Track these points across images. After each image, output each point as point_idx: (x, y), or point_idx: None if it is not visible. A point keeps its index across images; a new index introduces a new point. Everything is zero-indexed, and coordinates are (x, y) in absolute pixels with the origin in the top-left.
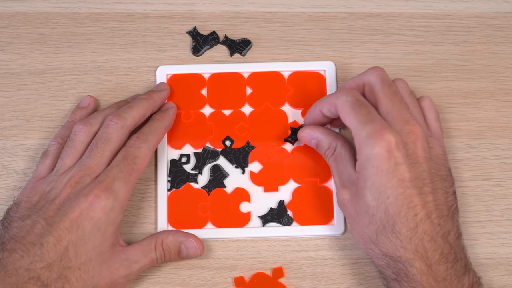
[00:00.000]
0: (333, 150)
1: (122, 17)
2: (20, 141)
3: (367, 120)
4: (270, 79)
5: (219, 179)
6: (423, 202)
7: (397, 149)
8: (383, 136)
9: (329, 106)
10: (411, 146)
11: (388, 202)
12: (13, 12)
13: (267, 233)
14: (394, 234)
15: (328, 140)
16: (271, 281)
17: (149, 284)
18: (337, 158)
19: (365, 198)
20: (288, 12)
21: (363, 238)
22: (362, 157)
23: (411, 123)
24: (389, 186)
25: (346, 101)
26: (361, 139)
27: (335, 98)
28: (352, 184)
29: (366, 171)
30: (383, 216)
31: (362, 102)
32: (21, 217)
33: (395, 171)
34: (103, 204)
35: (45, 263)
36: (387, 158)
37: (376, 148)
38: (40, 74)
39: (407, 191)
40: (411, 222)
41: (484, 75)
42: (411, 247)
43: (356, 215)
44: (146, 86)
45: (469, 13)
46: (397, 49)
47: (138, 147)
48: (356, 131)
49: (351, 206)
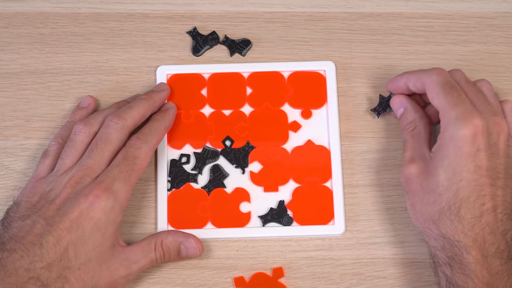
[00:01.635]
0: (413, 126)
1: (122, 17)
2: (20, 141)
3: (458, 102)
4: (270, 79)
5: (219, 179)
6: (492, 194)
7: (482, 135)
8: (472, 119)
9: (417, 82)
10: (494, 136)
11: (460, 185)
12: (13, 12)
13: (267, 233)
14: (458, 218)
15: (414, 115)
16: (271, 281)
17: (149, 284)
18: (415, 135)
19: (438, 176)
20: (288, 12)
21: (424, 215)
22: (445, 137)
23: (499, 115)
24: (466, 170)
25: (437, 81)
26: (449, 119)
27: (427, 75)
28: (422, 161)
29: (446, 150)
30: (451, 197)
31: (453, 84)
32: (21, 217)
33: (475, 156)
34: (103, 204)
35: (45, 263)
36: (471, 141)
37: (463, 130)
38: (40, 74)
39: (481, 179)
40: (477, 210)
41: (484, 75)
42: (471, 234)
43: (421, 191)
44: (146, 86)
45: (469, 13)
46: (397, 49)
47: (138, 147)
48: (445, 112)
49: (417, 181)
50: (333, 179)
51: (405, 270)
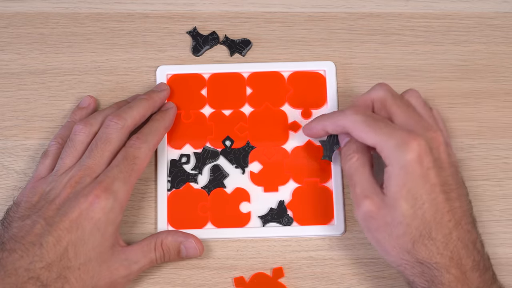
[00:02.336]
0: (357, 156)
1: (122, 17)
2: (20, 141)
3: (390, 132)
4: (270, 79)
5: (219, 179)
6: (452, 208)
7: (426, 153)
8: (412, 141)
9: (335, 126)
10: (435, 151)
11: (424, 209)
12: (13, 12)
13: (267, 233)
14: (432, 241)
15: (358, 145)
16: (271, 281)
17: (149, 284)
18: (359, 168)
19: (400, 207)
20: (288, 12)
21: (395, 249)
22: (394, 167)
23: (432, 129)
24: (424, 192)
25: (359, 120)
26: (390, 150)
27: (343, 117)
28: (376, 196)
29: (399, 179)
30: (420, 223)
31: (375, 117)
32: (21, 217)
33: (427, 176)
34: (103, 204)
35: (45, 263)
36: (419, 163)
37: (408, 154)
38: (40, 74)
39: (439, 196)
40: (445, 228)
41: (484, 75)
42: (447, 253)
43: (386, 226)
44: (146, 86)
45: (469, 13)
46: (397, 49)
47: (138, 147)
48: (382, 144)
49: (378, 218)
50: (333, 179)
51: None
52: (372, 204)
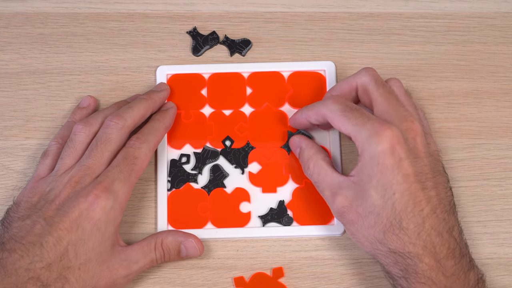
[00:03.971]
0: (313, 162)
1: (122, 17)
2: (20, 141)
3: (363, 122)
4: (270, 79)
5: (219, 179)
6: (427, 197)
7: (399, 144)
8: (384, 132)
9: (317, 115)
10: (411, 141)
11: (394, 199)
12: (13, 12)
13: (267, 233)
14: (402, 231)
15: (309, 152)
16: (271, 281)
17: (149, 284)
18: (319, 170)
19: (370, 198)
20: (288, 12)
21: (368, 239)
22: (366, 157)
23: (409, 119)
24: (395, 182)
25: (336, 109)
26: (363, 140)
27: (323, 106)
28: (346, 190)
29: (370, 170)
30: (390, 213)
31: (352, 106)
32: (21, 217)
33: (399, 166)
34: (103, 205)
35: (45, 263)
36: (391, 153)
37: (380, 146)
38: (40, 74)
39: (412, 186)
40: (417, 218)
41: (484, 75)
42: (419, 243)
43: (359, 217)
44: (146, 86)
45: (469, 13)
46: (397, 49)
47: (138, 148)
48: (356, 134)
49: (351, 210)
50: None
51: None
52: (343, 199)
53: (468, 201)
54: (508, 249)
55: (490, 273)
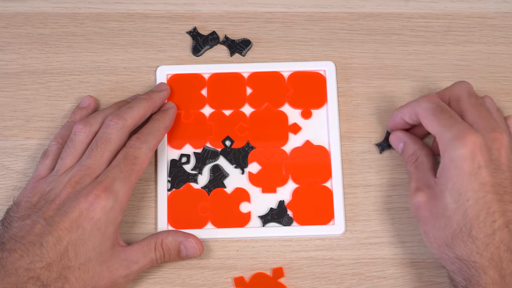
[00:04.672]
0: (415, 158)
1: (122, 17)
2: (20, 141)
3: (451, 124)
4: (270, 79)
5: (219, 179)
6: (502, 210)
7: (481, 151)
8: (467, 137)
9: (410, 113)
10: (495, 152)
11: (467, 205)
12: (13, 12)
13: (267, 233)
14: (471, 239)
15: (413, 147)
16: (271, 281)
17: (149, 284)
18: (418, 166)
19: (444, 200)
20: (288, 12)
21: (438, 241)
22: (445, 160)
23: (497, 130)
24: (470, 189)
25: (427, 108)
26: (446, 141)
27: (416, 104)
28: (428, 188)
29: (448, 172)
30: (461, 219)
31: (443, 107)
32: (21, 217)
33: (477, 174)
34: (103, 204)
35: (45, 263)
36: (471, 159)
37: (461, 150)
38: (40, 74)
39: (487, 195)
40: (488, 228)
41: (484, 75)
42: (486, 254)
43: (432, 217)
44: (146, 86)
45: (469, 13)
46: (397, 49)
47: (138, 148)
48: (440, 135)
49: (426, 208)
50: (333, 179)
51: (405, 270)
52: (422, 195)
53: None
54: None
55: None
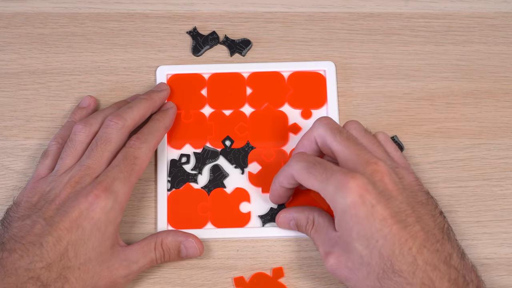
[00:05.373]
0: (312, 223)
1: (122, 17)
2: (20, 141)
3: (327, 176)
4: (270, 79)
5: (219, 179)
6: (412, 234)
7: (367, 191)
8: (349, 184)
9: (287, 178)
10: (379, 184)
11: (379, 246)
12: (13, 12)
13: (267, 233)
14: (396, 274)
15: (305, 215)
16: (271, 281)
17: (149, 284)
18: (317, 228)
19: (355, 250)
20: (288, 12)
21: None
22: (339, 212)
23: (372, 162)
24: (374, 230)
25: (300, 168)
26: (331, 195)
27: (289, 168)
28: (334, 246)
29: (346, 224)
30: (379, 260)
31: (314, 161)
32: (20, 217)
33: (374, 213)
34: (103, 204)
35: (45, 263)
36: (362, 203)
37: (348, 198)
38: (40, 74)
39: (393, 228)
40: (408, 257)
41: (484, 75)
42: (416, 281)
43: (351, 272)
44: (146, 86)
45: (469, 13)
46: (397, 49)
47: (138, 148)
48: (323, 191)
49: (342, 267)
50: None
51: None
52: (333, 257)
53: (468, 201)
54: (508, 249)
55: (490, 273)
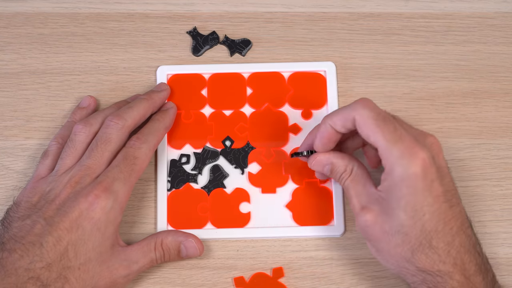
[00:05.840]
0: (349, 172)
1: (122, 17)
2: (20, 141)
3: (396, 138)
4: (271, 80)
5: (219, 179)
6: (455, 215)
7: (431, 165)
8: (417, 154)
9: (344, 121)
10: (437, 158)
11: (424, 220)
12: (13, 12)
13: (267, 233)
14: (432, 249)
15: (344, 162)
16: (271, 281)
17: (149, 284)
18: (355, 179)
19: (398, 218)
20: (288, 12)
21: (395, 257)
22: (395, 177)
23: (429, 135)
24: (426, 204)
25: (368, 116)
26: (393, 158)
27: (352, 111)
28: (374, 204)
29: (399, 191)
30: (419, 233)
31: (384, 115)
32: (21, 217)
33: (431, 188)
34: (103, 205)
35: (45, 263)
36: (423, 177)
37: (412, 168)
38: (40, 74)
39: (442, 206)
40: (448, 236)
41: (484, 75)
42: (450, 260)
43: (384, 236)
44: (146, 86)
45: (469, 13)
46: (397, 49)
47: (138, 148)
48: (386, 150)
49: (376, 227)
50: (333, 179)
51: None
52: (370, 215)
53: (468, 201)
54: (508, 249)
55: None
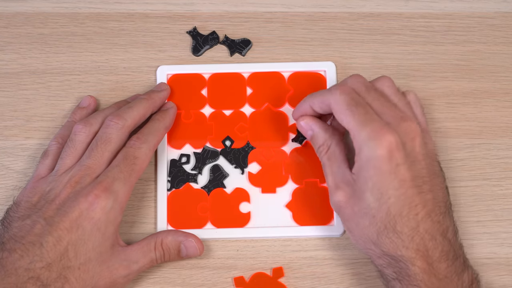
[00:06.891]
0: (327, 147)
1: (122, 17)
2: (20, 141)
3: (366, 120)
4: (271, 80)
5: (219, 179)
6: (423, 201)
7: (397, 149)
8: (384, 136)
9: (321, 103)
10: (409, 144)
11: (389, 203)
12: (13, 12)
13: (267, 233)
14: (396, 234)
15: (324, 136)
16: (271, 281)
17: (149, 284)
18: (330, 157)
19: (366, 199)
20: (288, 12)
21: (363, 239)
22: (362, 159)
23: (407, 119)
24: (391, 187)
25: (342, 100)
26: (361, 140)
27: (329, 94)
28: (347, 185)
29: (366, 172)
30: (385, 216)
31: (358, 101)
32: (21, 217)
33: (396, 172)
34: (103, 204)
35: (45, 263)
36: (388, 159)
37: (378, 150)
38: (40, 74)
39: (408, 191)
40: (412, 222)
41: (484, 75)
42: (412, 246)
43: (355, 216)
44: (146, 86)
45: (469, 13)
46: (397, 49)
47: (138, 147)
48: (355, 132)
49: (348, 207)
50: None
51: None
52: (342, 194)
53: (468, 201)
54: (508, 249)
55: (489, 273)
